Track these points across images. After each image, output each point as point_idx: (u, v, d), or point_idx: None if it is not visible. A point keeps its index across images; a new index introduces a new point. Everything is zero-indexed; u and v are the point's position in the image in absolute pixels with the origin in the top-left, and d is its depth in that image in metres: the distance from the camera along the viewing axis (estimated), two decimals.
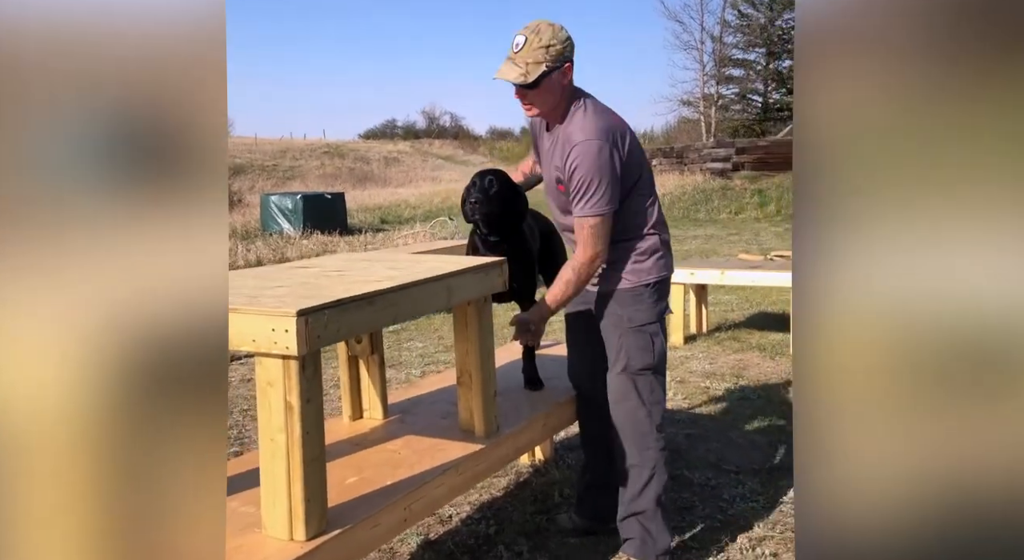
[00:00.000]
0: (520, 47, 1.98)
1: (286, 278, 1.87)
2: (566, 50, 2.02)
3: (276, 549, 1.53)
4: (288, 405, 1.52)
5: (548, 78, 1.99)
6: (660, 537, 2.12)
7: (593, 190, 1.98)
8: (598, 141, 1.98)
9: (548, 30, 2.00)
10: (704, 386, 3.99)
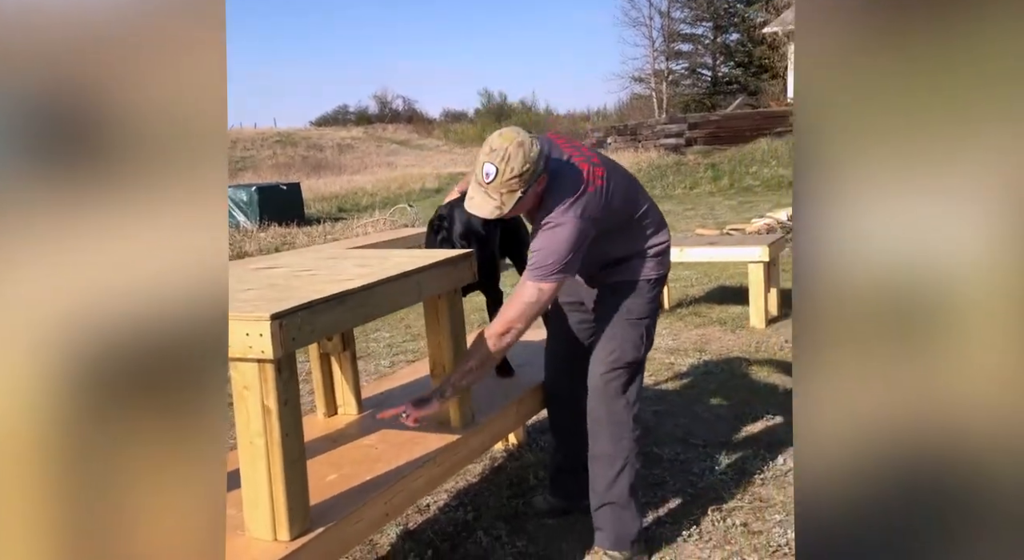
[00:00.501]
0: (492, 178, 1.87)
1: (255, 280, 1.87)
2: (539, 164, 1.90)
3: (261, 551, 1.54)
4: (266, 408, 1.54)
5: (525, 196, 1.93)
6: (632, 523, 2.18)
7: (553, 260, 1.95)
8: (569, 222, 1.94)
9: (518, 154, 1.86)
10: (669, 362, 4.08)
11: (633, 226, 2.13)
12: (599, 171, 2.01)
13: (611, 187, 2.02)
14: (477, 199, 1.92)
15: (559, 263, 1.95)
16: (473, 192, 1.93)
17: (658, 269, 2.19)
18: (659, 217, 2.22)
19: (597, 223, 2.00)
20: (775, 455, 2.83)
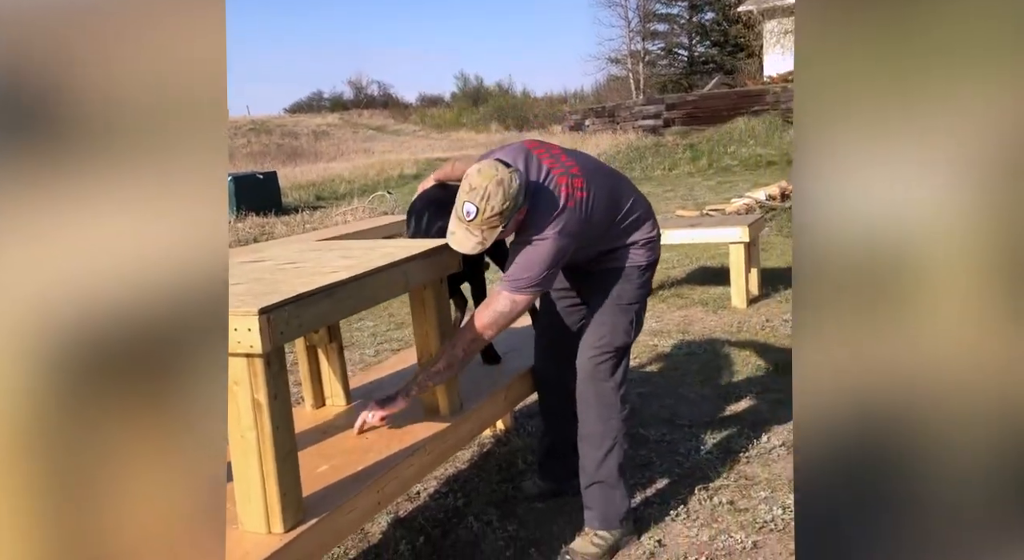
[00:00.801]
0: (472, 217, 1.88)
1: (240, 273, 1.86)
2: (518, 199, 1.91)
3: (255, 543, 1.55)
4: (256, 403, 1.54)
5: (506, 229, 1.94)
6: (621, 503, 2.21)
7: (529, 275, 1.96)
8: (549, 239, 1.96)
9: (497, 193, 1.86)
10: (652, 344, 4.11)
11: (618, 225, 2.15)
12: (578, 182, 2.01)
13: (591, 198, 2.02)
14: (459, 235, 1.93)
15: (536, 278, 1.97)
16: (455, 227, 1.94)
17: (648, 256, 2.21)
18: (646, 209, 2.23)
19: (577, 237, 2.02)
20: (759, 434, 2.88)
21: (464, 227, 1.91)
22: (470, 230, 1.91)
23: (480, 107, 34.59)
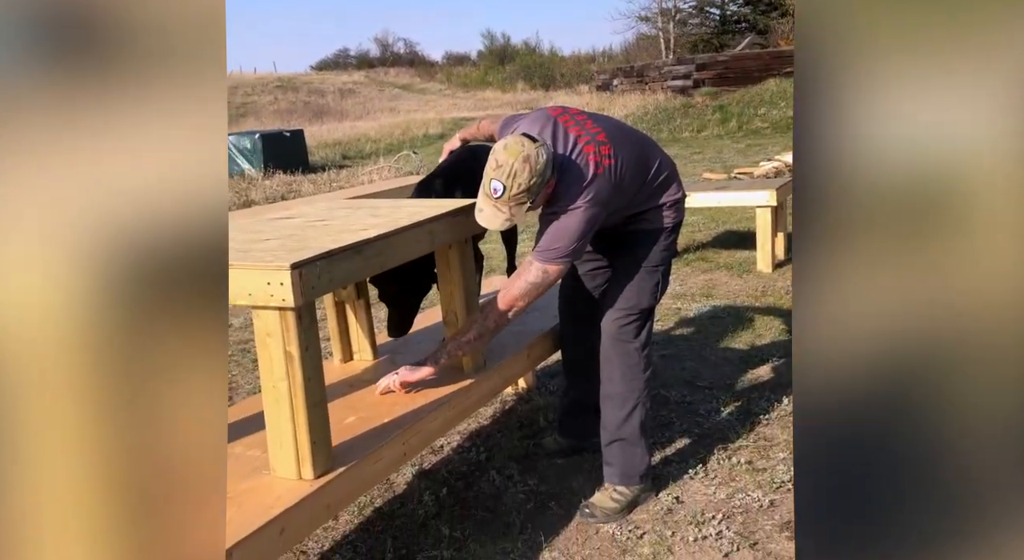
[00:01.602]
0: (500, 194, 1.88)
1: (272, 230, 1.90)
2: (545, 174, 1.90)
3: (286, 489, 1.62)
4: (288, 354, 1.59)
5: (533, 203, 1.94)
6: (641, 459, 2.25)
7: (560, 245, 1.97)
8: (580, 209, 1.96)
9: (524, 169, 1.86)
10: (676, 307, 4.13)
11: (645, 188, 2.15)
12: (605, 149, 2.00)
13: (619, 164, 2.02)
14: (487, 212, 1.94)
15: (567, 248, 1.98)
16: (483, 204, 1.95)
17: (674, 218, 2.21)
18: (671, 170, 2.22)
19: (607, 205, 2.02)
20: (780, 396, 2.90)
21: (492, 204, 1.92)
22: (498, 207, 1.91)
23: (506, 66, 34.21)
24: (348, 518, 2.29)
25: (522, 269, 2.05)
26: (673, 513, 2.21)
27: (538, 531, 2.15)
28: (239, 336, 4.11)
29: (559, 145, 2.00)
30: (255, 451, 1.79)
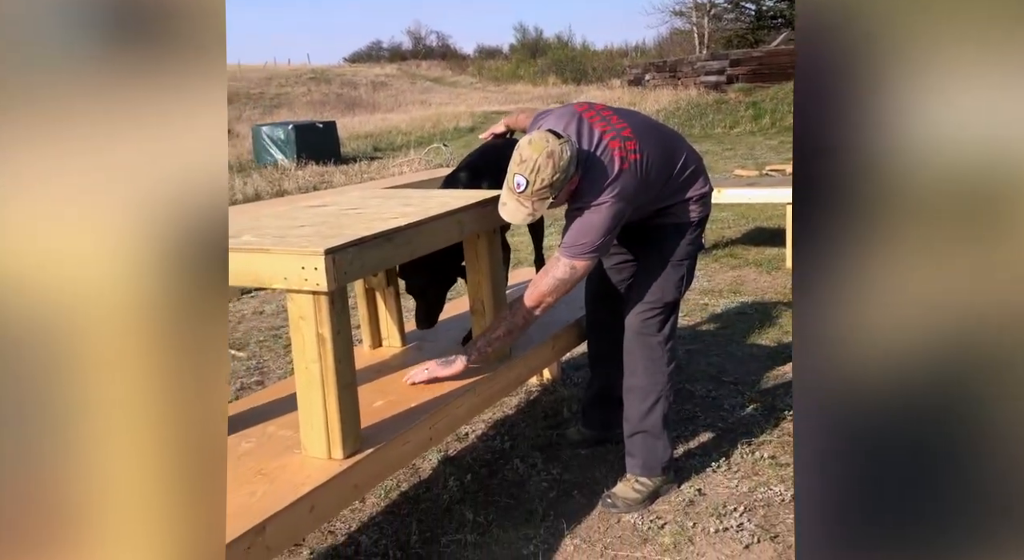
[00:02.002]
0: (523, 188, 1.91)
1: (307, 217, 1.95)
2: (569, 170, 1.92)
3: (317, 467, 1.67)
4: (320, 337, 1.63)
5: (556, 199, 1.96)
6: (663, 451, 2.27)
7: (587, 240, 2.00)
8: (605, 204, 1.98)
9: (547, 165, 1.89)
10: (703, 303, 4.12)
11: (672, 183, 2.16)
12: (631, 144, 2.02)
13: (645, 159, 2.03)
14: (510, 206, 1.97)
15: (594, 243, 2.00)
16: (506, 198, 1.98)
17: (700, 212, 2.22)
18: (698, 165, 2.23)
19: (633, 200, 2.03)
20: None
21: (515, 198, 1.95)
22: (521, 201, 1.95)
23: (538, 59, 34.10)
24: (374, 501, 2.34)
25: (550, 265, 2.07)
26: (695, 505, 2.22)
27: (560, 519, 2.18)
28: (271, 322, 4.19)
29: (584, 141, 2.02)
30: (287, 431, 1.85)
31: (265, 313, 4.38)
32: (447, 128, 17.09)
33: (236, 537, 1.42)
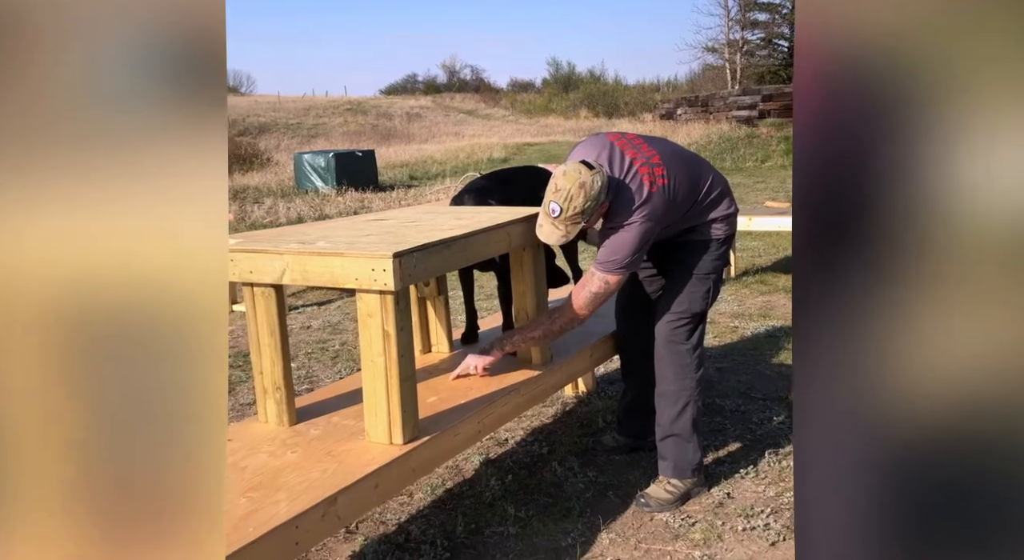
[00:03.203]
0: (557, 214, 2.11)
1: (371, 228, 2.15)
2: (599, 199, 2.10)
3: (379, 451, 1.84)
4: (385, 333, 1.82)
5: (588, 223, 2.17)
6: (694, 454, 2.41)
7: (619, 256, 2.17)
8: (636, 224, 2.16)
9: (579, 194, 2.06)
10: (733, 326, 4.25)
11: (699, 204, 2.33)
12: (659, 170, 2.21)
13: (673, 182, 2.21)
14: (546, 228, 2.18)
15: (625, 259, 2.18)
16: (542, 221, 2.19)
17: (726, 230, 2.39)
18: (723, 187, 2.39)
19: (662, 220, 2.21)
20: None
21: (550, 222, 2.16)
22: (555, 225, 2.15)
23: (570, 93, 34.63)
24: (421, 497, 2.50)
25: (585, 280, 2.25)
26: (724, 506, 2.35)
27: (597, 515, 2.32)
28: (318, 336, 4.40)
29: (615, 168, 2.21)
30: (349, 420, 2.03)
31: (312, 327, 4.60)
32: (481, 158, 17.44)
33: (311, 506, 1.59)
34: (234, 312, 4.96)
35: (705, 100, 19.29)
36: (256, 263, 1.92)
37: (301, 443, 1.91)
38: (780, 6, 27.73)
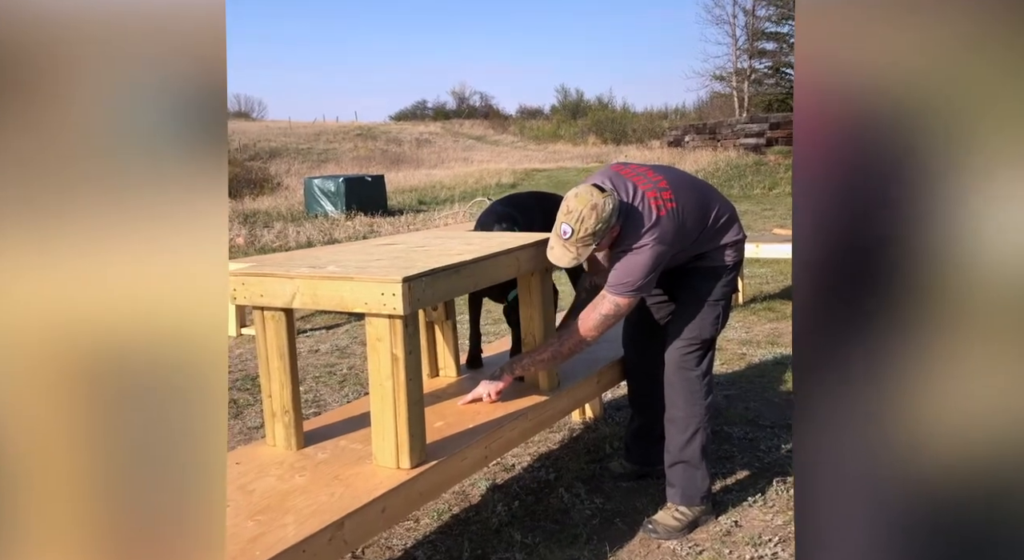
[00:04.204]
0: (568, 236, 2.13)
1: (381, 253, 2.17)
2: (611, 220, 2.12)
3: (386, 475, 1.84)
4: (394, 357, 1.83)
5: (598, 245, 2.19)
6: (702, 482, 2.40)
7: (630, 279, 2.18)
8: (647, 247, 2.18)
9: (591, 216, 2.09)
10: (741, 353, 4.24)
11: (708, 230, 2.34)
12: (666, 194, 2.23)
13: (681, 207, 2.23)
14: (557, 250, 2.20)
15: (636, 282, 2.20)
16: (554, 243, 2.21)
17: (734, 257, 2.40)
18: (731, 214, 2.41)
19: (673, 244, 2.23)
20: None
21: (561, 244, 2.18)
22: (566, 247, 2.17)
23: (579, 120, 34.88)
24: (428, 522, 2.49)
25: (596, 302, 2.26)
26: (731, 535, 2.33)
27: (603, 542, 2.31)
28: (326, 360, 4.41)
29: (623, 194, 2.23)
30: (357, 444, 2.03)
31: (320, 351, 4.61)
32: (489, 184, 17.53)
33: (319, 530, 1.59)
34: (243, 336, 4.98)
35: (713, 128, 19.41)
36: (266, 287, 1.94)
37: (309, 467, 1.91)
38: (788, 35, 27.98)
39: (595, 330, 2.26)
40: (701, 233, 2.32)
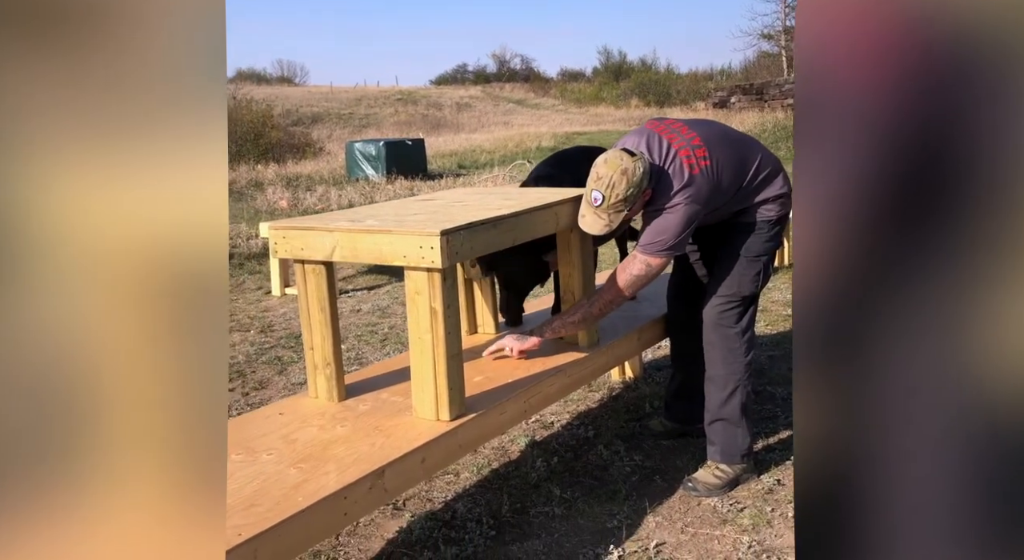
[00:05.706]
0: (599, 203, 2.09)
1: (419, 208, 2.17)
2: (641, 185, 2.08)
3: (427, 427, 1.86)
4: (433, 310, 1.83)
5: (630, 211, 2.14)
6: (743, 440, 2.37)
7: (662, 238, 2.14)
8: (680, 206, 2.13)
9: (621, 181, 2.05)
10: (786, 314, 4.16)
11: (748, 186, 2.27)
12: (700, 152, 2.16)
13: (716, 164, 2.17)
14: (588, 218, 2.15)
15: (668, 242, 2.15)
16: (584, 211, 2.16)
17: (779, 211, 2.33)
18: (774, 166, 2.32)
19: (707, 203, 2.17)
20: None
21: (593, 211, 2.13)
22: (598, 214, 2.13)
23: (621, 82, 34.25)
24: (468, 476, 2.52)
25: (627, 262, 2.23)
26: (774, 493, 2.31)
27: (643, 498, 2.30)
28: (368, 319, 4.47)
29: (655, 154, 2.18)
30: (398, 397, 2.05)
31: (361, 311, 4.66)
32: (529, 147, 17.38)
33: (359, 478, 1.62)
34: (286, 295, 5.06)
35: (760, 88, 18.90)
36: (307, 240, 1.96)
37: (350, 418, 1.94)
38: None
39: (627, 290, 2.23)
40: (739, 189, 2.26)
